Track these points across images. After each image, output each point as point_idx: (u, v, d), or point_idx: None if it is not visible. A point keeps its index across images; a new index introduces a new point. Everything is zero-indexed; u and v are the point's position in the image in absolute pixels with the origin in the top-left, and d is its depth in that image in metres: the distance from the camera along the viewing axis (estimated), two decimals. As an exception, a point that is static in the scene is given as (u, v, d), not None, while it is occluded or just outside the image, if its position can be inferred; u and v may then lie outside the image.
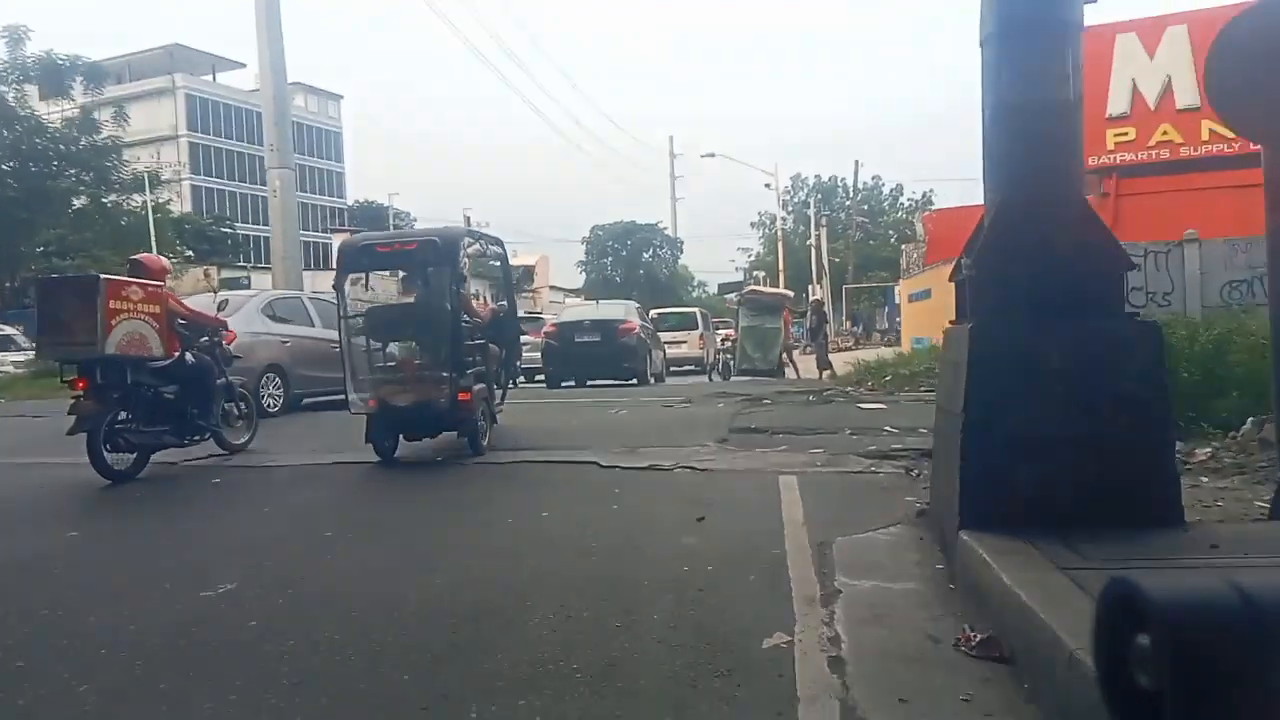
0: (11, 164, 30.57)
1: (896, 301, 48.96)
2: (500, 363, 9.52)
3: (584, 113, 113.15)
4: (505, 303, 9.88)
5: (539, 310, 36.49)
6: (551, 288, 64.29)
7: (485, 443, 8.55)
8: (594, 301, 22.69)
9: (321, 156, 77.03)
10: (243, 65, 68.53)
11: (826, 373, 19.44)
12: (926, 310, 19.89)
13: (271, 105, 17.52)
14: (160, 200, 47.64)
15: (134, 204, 34.48)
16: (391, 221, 70.33)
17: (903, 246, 55.64)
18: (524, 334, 11.59)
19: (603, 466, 7.15)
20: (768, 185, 44.02)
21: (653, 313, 26.74)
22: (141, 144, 62.86)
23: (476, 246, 9.19)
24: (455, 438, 8.42)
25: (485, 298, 11.36)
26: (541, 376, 17.45)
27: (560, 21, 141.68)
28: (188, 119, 65.77)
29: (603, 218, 78.04)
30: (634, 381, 16.64)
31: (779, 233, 46.79)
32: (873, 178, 54.26)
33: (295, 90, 76.52)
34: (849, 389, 13.97)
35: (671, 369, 21.75)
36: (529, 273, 57.58)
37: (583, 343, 16.98)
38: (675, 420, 10.52)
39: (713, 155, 39.14)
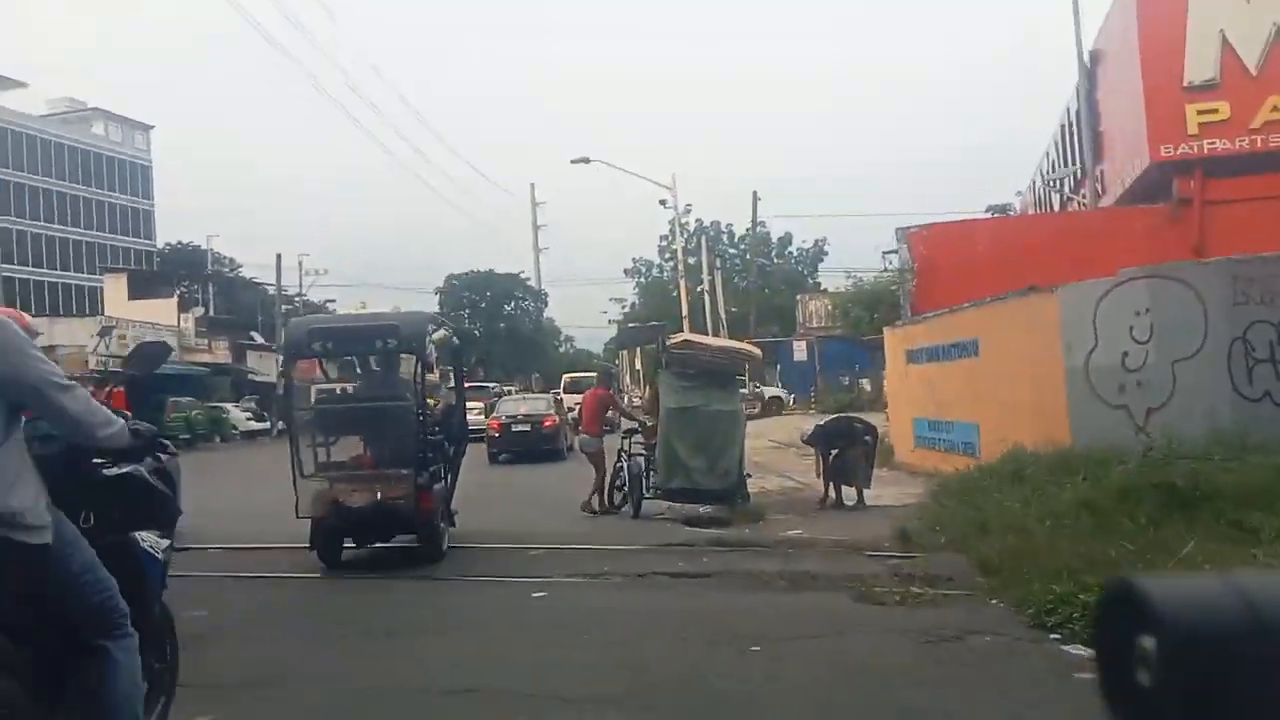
0: None
1: (795, 358, 42.05)
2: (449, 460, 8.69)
3: (433, 149, 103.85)
4: (455, 396, 9.33)
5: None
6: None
7: (444, 547, 8.06)
8: (523, 395, 26.50)
9: (126, 192, 65.32)
10: (24, 85, 56.55)
11: (844, 493, 10.98)
12: (957, 375, 11.87)
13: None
14: None
15: None
16: (210, 265, 59.07)
17: (799, 297, 49.13)
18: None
19: None
20: (663, 202, 35.73)
21: (565, 377, 31.71)
22: None
23: (442, 333, 8.61)
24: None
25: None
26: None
27: (404, 47, 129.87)
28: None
29: (458, 266, 69.27)
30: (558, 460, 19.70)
31: (679, 264, 38.05)
32: (759, 223, 46.92)
33: (95, 116, 65.20)
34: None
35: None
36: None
37: (518, 431, 21.05)
38: None
39: (587, 161, 29.26)
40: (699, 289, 40.21)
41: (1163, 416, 8.89)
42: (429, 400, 8.61)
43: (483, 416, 20.96)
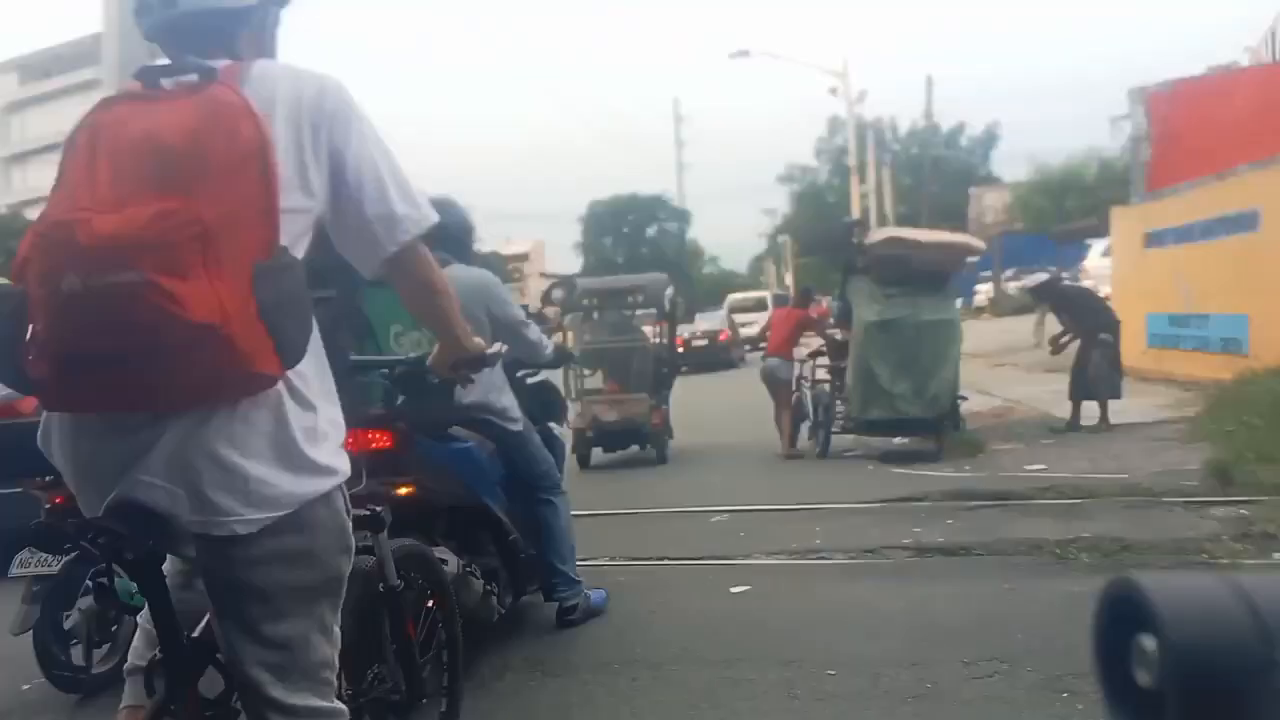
0: None
1: (969, 259, 38.27)
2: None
3: (575, 68, 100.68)
4: (668, 335, 11.01)
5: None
6: (543, 275, 53.36)
7: (667, 453, 10.02)
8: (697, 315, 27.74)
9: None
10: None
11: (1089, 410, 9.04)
12: (1221, 257, 9.46)
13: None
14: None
15: None
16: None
17: (971, 190, 44.76)
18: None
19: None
20: (833, 91, 32.62)
21: (731, 296, 33.04)
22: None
23: (670, 290, 10.61)
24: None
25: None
26: None
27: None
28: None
29: (602, 191, 67.80)
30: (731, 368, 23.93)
31: (851, 159, 35.09)
32: (924, 117, 42.40)
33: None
34: None
35: (748, 346, 25.53)
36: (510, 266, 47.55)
37: (697, 345, 24.34)
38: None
39: (747, 54, 26.64)
40: (862, 189, 36.91)
41: None
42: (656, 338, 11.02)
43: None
